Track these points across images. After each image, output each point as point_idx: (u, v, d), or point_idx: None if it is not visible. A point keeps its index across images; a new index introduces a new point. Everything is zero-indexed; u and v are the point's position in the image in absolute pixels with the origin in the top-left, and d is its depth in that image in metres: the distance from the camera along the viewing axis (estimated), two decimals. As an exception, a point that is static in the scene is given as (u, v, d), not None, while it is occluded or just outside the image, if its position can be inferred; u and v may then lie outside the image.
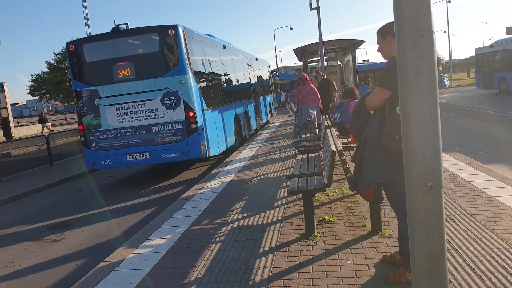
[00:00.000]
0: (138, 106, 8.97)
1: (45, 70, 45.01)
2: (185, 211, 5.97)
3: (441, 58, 31.66)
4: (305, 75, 10.14)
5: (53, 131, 25.45)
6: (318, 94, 9.79)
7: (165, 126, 8.96)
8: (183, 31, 8.93)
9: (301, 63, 18.11)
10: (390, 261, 3.56)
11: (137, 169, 11.46)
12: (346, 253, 3.90)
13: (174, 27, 8.77)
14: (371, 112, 3.26)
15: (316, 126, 9.72)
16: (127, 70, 9.00)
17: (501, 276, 3.11)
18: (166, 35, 8.79)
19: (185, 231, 5.07)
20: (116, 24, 9.04)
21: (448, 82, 39.96)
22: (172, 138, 8.98)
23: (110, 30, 8.94)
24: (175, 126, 8.93)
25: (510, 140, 9.65)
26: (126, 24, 9.07)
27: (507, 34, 30.06)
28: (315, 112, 9.57)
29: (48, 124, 32.51)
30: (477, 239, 3.83)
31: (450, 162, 6.92)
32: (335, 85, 11.41)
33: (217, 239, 4.68)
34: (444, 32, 55.15)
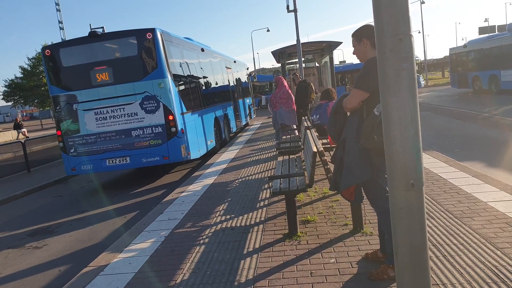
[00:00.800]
0: (117, 111, 8.89)
1: (19, 75, 43.99)
2: (168, 214, 5.95)
3: (417, 58, 32.38)
4: (280, 78, 10.09)
5: (28, 137, 24.91)
6: (292, 97, 9.77)
7: (145, 130, 8.90)
8: (161, 34, 8.90)
9: (279, 65, 18.22)
10: (372, 258, 3.64)
11: (117, 173, 11.34)
12: (329, 252, 3.96)
13: (152, 30, 8.74)
14: (348, 113, 3.33)
15: (295, 128, 9.82)
16: (105, 75, 8.91)
17: (479, 270, 3.23)
18: (144, 39, 8.75)
19: (168, 235, 5.06)
20: (92, 28, 8.95)
21: (423, 82, 40.91)
22: (152, 142, 8.93)
23: (87, 34, 8.84)
24: (155, 130, 8.88)
25: (484, 138, 9.95)
26: (102, 28, 8.98)
27: (480, 34, 30.98)
28: (288, 116, 9.62)
29: (23, 130, 31.85)
30: (455, 234, 3.96)
31: (428, 161, 7.09)
32: (313, 87, 11.53)
33: (201, 241, 4.69)
34: (419, 32, 56.17)
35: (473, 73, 24.03)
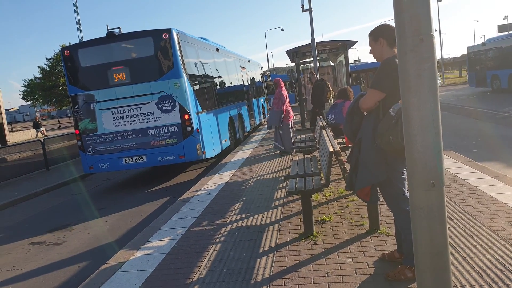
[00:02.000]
0: (134, 110, 8.99)
1: (38, 75, 44.80)
2: (184, 213, 6.01)
3: (433, 57, 31.90)
4: (278, 79, 10.07)
5: (47, 136, 25.34)
6: (284, 98, 9.71)
7: (161, 129, 8.98)
8: (177, 34, 8.97)
9: (293, 64, 18.16)
10: (389, 259, 3.62)
11: (133, 172, 11.47)
12: (345, 252, 3.95)
13: (168, 30, 8.81)
14: (365, 113, 3.32)
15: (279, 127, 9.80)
16: (122, 74, 9.02)
17: (499, 272, 3.18)
18: (160, 39, 8.83)
19: (185, 233, 5.10)
20: (108, 28, 9.06)
21: (440, 81, 40.37)
22: (168, 141, 9.01)
23: (105, 35, 8.96)
24: (171, 129, 8.96)
25: (503, 138, 9.78)
26: (119, 28, 9.10)
27: (498, 32, 30.48)
28: (271, 116, 9.94)
29: (42, 129, 32.42)
30: (474, 236, 3.91)
31: (445, 161, 6.98)
32: (330, 86, 11.48)
33: (217, 240, 4.72)
34: (436, 31, 55.48)
35: (492, 72, 23.62)
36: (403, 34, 1.64)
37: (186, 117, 8.91)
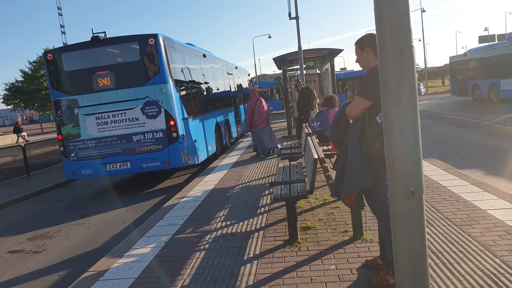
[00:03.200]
0: (119, 115, 8.92)
1: (20, 78, 44.08)
2: (168, 220, 5.97)
3: (417, 66, 32.53)
4: (253, 89, 11.19)
5: (28, 141, 24.94)
6: (250, 110, 10.59)
7: (146, 135, 8.93)
8: (163, 40, 8.96)
9: (280, 71, 18.27)
10: (372, 265, 3.65)
11: (117, 178, 11.36)
12: (329, 258, 3.98)
13: (155, 36, 8.79)
14: (351, 121, 3.36)
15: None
16: (107, 79, 8.95)
17: (478, 277, 3.24)
18: (146, 44, 8.80)
19: (169, 240, 5.07)
20: (94, 33, 9.00)
21: (424, 90, 41.08)
22: (153, 147, 8.95)
23: (90, 39, 8.90)
24: (156, 135, 8.91)
25: (483, 146, 9.98)
26: (104, 32, 9.04)
27: (479, 43, 31.17)
28: (243, 125, 11.15)
29: (23, 133, 31.86)
30: (454, 242, 3.97)
31: (427, 168, 7.12)
32: (315, 94, 11.58)
33: (202, 247, 4.70)
34: (420, 40, 56.44)
35: (473, 82, 24.11)
36: (384, 45, 1.68)
37: (172, 123, 8.88)
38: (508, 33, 23.04)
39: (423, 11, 42.77)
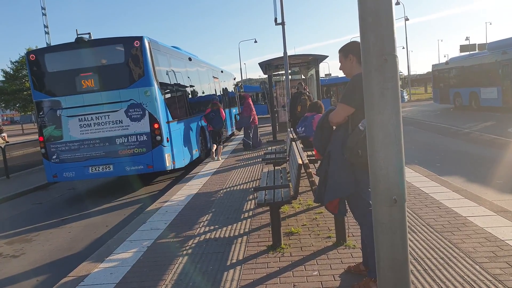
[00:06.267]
0: (102, 118, 8.82)
1: (1, 78, 43.24)
2: (151, 224, 5.90)
3: (401, 73, 32.98)
4: (245, 94, 14.35)
5: (8, 142, 24.44)
6: (252, 107, 13.32)
7: (130, 138, 8.84)
8: (148, 42, 8.90)
9: (265, 76, 18.32)
10: (355, 271, 3.67)
11: (99, 182, 11.21)
12: (312, 264, 3.98)
13: (140, 38, 8.73)
14: (334, 127, 3.38)
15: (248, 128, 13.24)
16: (91, 81, 8.85)
17: (458, 284, 3.28)
18: (132, 47, 8.73)
19: (151, 245, 5.01)
20: (78, 34, 8.90)
21: (407, 97, 41.64)
22: (136, 150, 8.87)
23: (74, 40, 8.79)
24: (140, 138, 8.83)
25: (464, 153, 10.15)
26: (89, 34, 8.95)
27: (461, 52, 31.76)
28: (244, 120, 13.43)
29: (3, 134, 31.18)
30: (435, 248, 4.02)
31: (410, 175, 7.20)
32: (310, 98, 11.60)
33: (184, 252, 4.66)
34: (403, 48, 57.45)
35: (455, 90, 24.55)
36: (368, 54, 1.70)
37: (156, 126, 8.81)
38: (488, 43, 23.57)
39: (406, 19, 43.47)
